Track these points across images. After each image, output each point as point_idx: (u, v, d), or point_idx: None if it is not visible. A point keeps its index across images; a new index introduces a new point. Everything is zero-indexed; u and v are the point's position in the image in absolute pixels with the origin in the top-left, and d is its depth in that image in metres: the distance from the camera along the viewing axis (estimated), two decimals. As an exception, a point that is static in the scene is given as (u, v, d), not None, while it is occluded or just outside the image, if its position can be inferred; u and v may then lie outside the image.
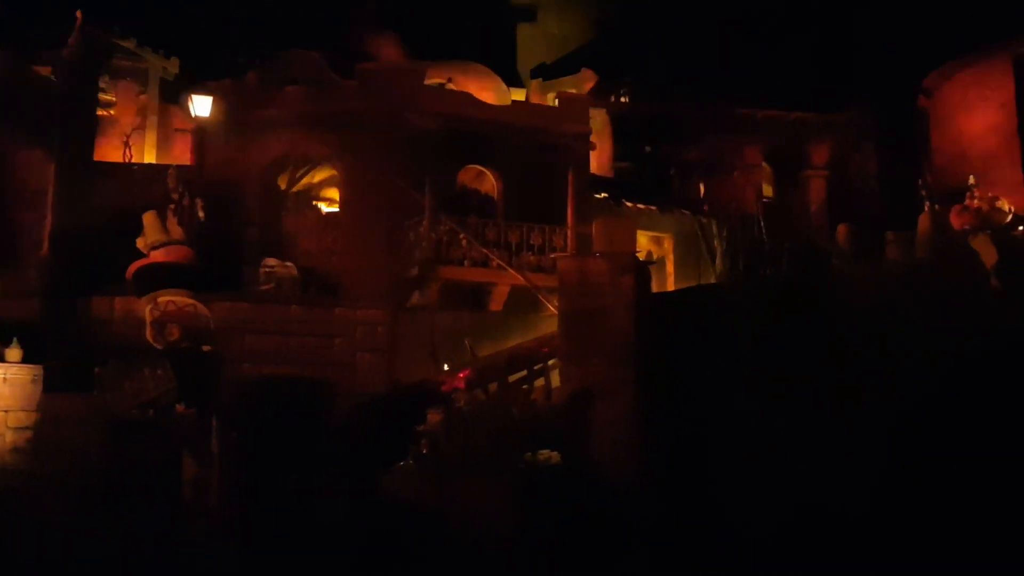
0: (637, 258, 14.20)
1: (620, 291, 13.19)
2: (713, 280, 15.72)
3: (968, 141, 16.18)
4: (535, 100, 20.22)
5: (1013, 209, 14.38)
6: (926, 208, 13.58)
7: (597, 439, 12.77)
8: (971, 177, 13.94)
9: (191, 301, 13.44)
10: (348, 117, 15.35)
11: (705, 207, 17.85)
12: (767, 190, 18.79)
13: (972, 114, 16.25)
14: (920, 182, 14.62)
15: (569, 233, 14.97)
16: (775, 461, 11.75)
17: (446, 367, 14.08)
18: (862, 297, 12.22)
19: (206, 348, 13.07)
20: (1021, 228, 13.52)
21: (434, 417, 12.07)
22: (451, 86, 18.07)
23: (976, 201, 13.27)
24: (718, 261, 16.21)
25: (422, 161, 14.86)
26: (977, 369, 11.36)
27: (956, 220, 12.94)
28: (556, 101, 17.66)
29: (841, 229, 14.97)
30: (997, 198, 14.02)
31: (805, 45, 19.01)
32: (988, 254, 11.76)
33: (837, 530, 11.08)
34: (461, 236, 14.74)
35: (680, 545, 11.50)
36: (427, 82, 16.61)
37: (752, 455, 11.97)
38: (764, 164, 18.77)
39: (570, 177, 16.03)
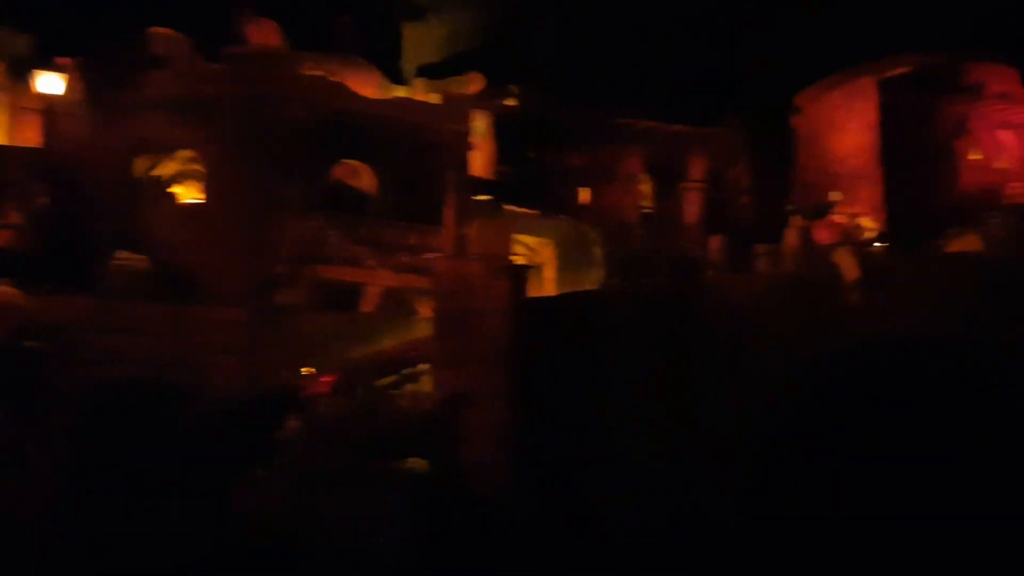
0: (515, 262, 14.00)
1: (496, 295, 12.95)
2: (592, 287, 15.66)
3: (835, 160, 16.74)
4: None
5: (874, 226, 15.00)
6: (793, 223, 13.93)
7: (469, 445, 12.48)
8: (836, 194, 14.42)
9: (10, 291, 12.15)
10: (215, 104, 14.54)
11: (586, 214, 17.84)
12: (647, 200, 18.96)
13: (839, 134, 16.81)
14: (788, 197, 15.00)
15: (447, 234, 14.59)
16: (648, 465, 11.75)
17: (310, 371, 13.45)
18: (732, 307, 12.43)
19: (30, 344, 11.83)
20: (880, 244, 14.06)
21: (294, 424, 11.47)
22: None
23: (840, 217, 13.71)
24: (597, 268, 16.20)
25: (293, 154, 14.21)
26: (839, 375, 11.72)
27: (821, 235, 13.30)
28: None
29: (714, 241, 15.23)
30: (859, 215, 14.57)
31: (687, 60, 19.35)
32: (849, 268, 12.10)
33: (710, 532, 11.17)
34: (331, 233, 14.14)
35: (552, 549, 11.39)
36: (304, 73, 15.92)
37: (625, 459, 11.95)
38: (644, 175, 18.93)
39: (450, 177, 15.67)
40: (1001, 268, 11.82)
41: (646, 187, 19.02)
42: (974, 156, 16.41)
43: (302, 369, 13.21)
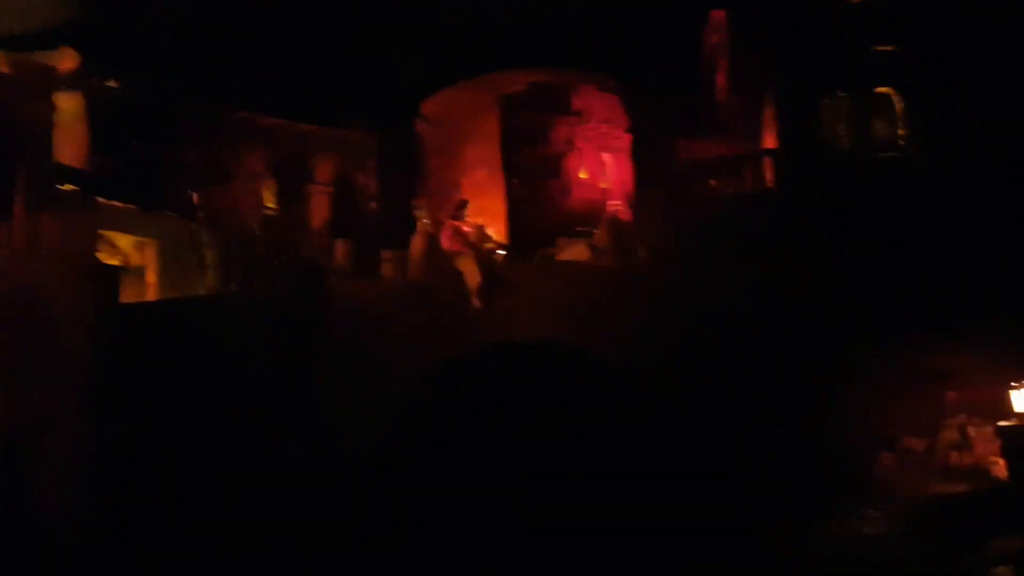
0: (102, 262, 12.04)
1: (78, 301, 10.97)
2: (203, 293, 14.06)
3: (461, 168, 16.97)
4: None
5: (496, 234, 15.37)
6: (419, 228, 13.71)
7: (39, 482, 10.39)
8: (462, 202, 14.51)
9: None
10: None
11: (199, 214, 16.09)
12: (270, 202, 17.69)
13: (465, 144, 17.10)
14: (415, 203, 14.79)
15: (16, 228, 12.06)
16: (260, 491, 10.66)
17: None
18: (357, 314, 11.86)
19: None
20: (502, 253, 14.40)
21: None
22: None
23: (465, 225, 13.77)
24: (209, 273, 14.60)
25: None
26: (462, 383, 11.65)
27: (445, 242, 13.19)
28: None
29: (339, 246, 14.51)
30: (483, 223, 14.83)
31: (315, 56, 18.44)
32: (472, 275, 12.08)
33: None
34: None
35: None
36: None
37: (238, 486, 10.74)
38: (268, 174, 17.65)
39: (24, 162, 13.12)
40: (604, 275, 12.66)
41: (269, 188, 17.73)
42: (583, 174, 17.58)
43: None
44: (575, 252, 14.10)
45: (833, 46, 14.69)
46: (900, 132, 14.81)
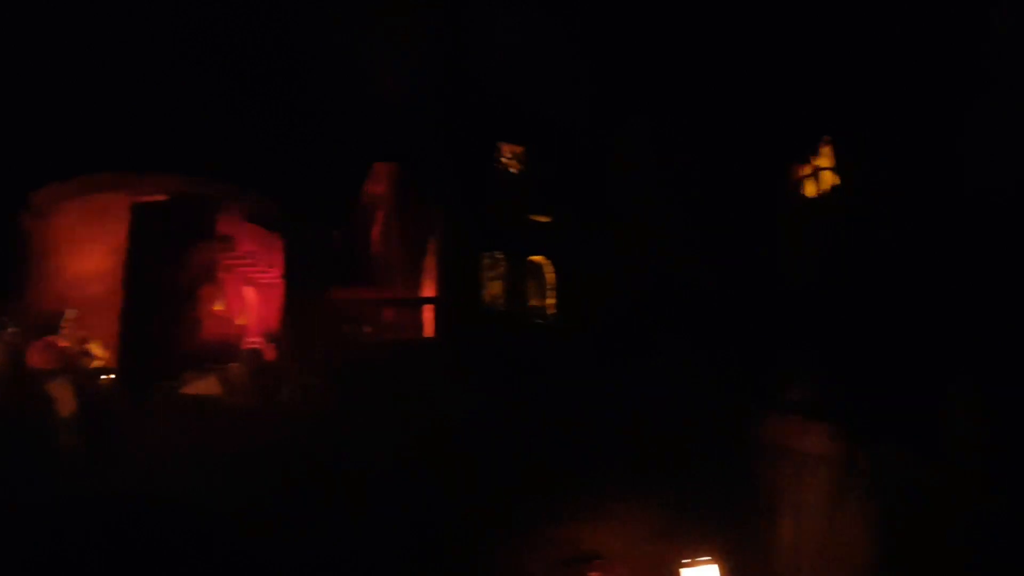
0: None
1: None
2: None
3: (73, 278, 14.07)
4: None
5: (104, 355, 12.77)
6: (3, 339, 10.85)
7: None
8: (70, 312, 11.87)
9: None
10: None
11: None
12: None
13: (83, 248, 14.33)
14: (4, 309, 11.80)
15: None
16: None
17: None
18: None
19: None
20: (108, 377, 11.89)
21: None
22: None
23: (64, 341, 11.18)
24: None
25: None
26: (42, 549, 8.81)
27: (37, 358, 10.50)
28: None
29: None
30: (89, 340, 12.24)
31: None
32: (65, 400, 9.59)
33: None
34: None
35: None
36: None
37: None
38: None
39: None
40: (237, 412, 10.85)
41: None
42: (219, 307, 15.72)
43: None
44: (205, 386, 12.08)
45: (493, 209, 14.96)
46: (549, 301, 15.29)
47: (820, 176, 11.81)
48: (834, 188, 11.66)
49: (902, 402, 8.12)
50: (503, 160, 15.73)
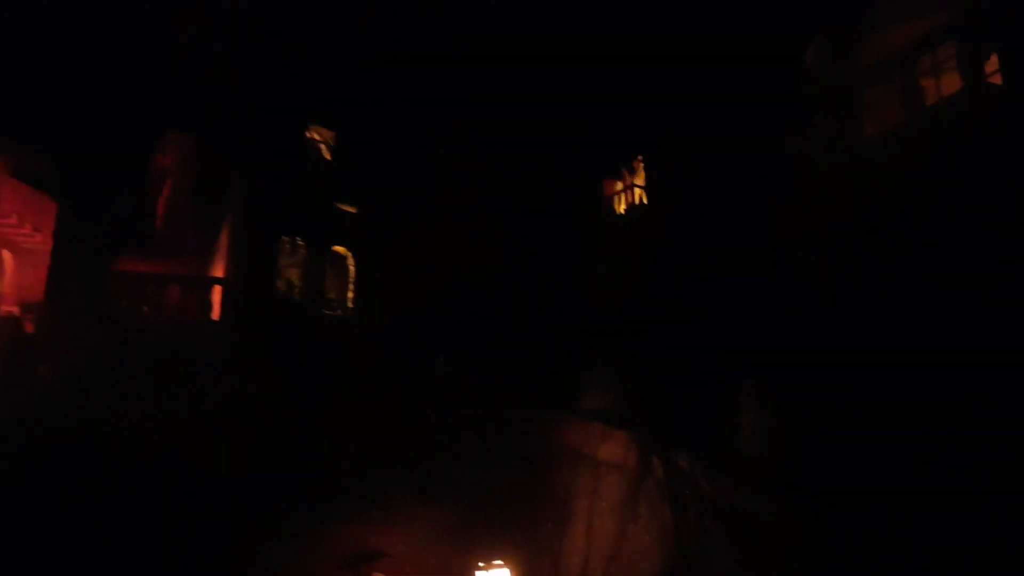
0: None
1: None
2: None
3: None
4: None
5: None
6: None
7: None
8: None
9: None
10: None
11: None
12: None
13: None
14: None
15: None
16: None
17: None
18: None
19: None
20: None
21: None
22: None
23: None
24: None
25: None
26: None
27: None
28: None
29: None
30: None
31: None
32: None
33: None
34: None
35: None
36: None
37: None
38: None
39: None
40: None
41: None
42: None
43: None
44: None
45: (298, 193, 14.17)
46: (349, 294, 14.67)
47: (632, 193, 12.19)
48: (641, 205, 12.06)
49: (695, 411, 8.42)
50: (313, 144, 14.98)
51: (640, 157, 12.03)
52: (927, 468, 6.82)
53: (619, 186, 12.51)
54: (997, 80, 7.49)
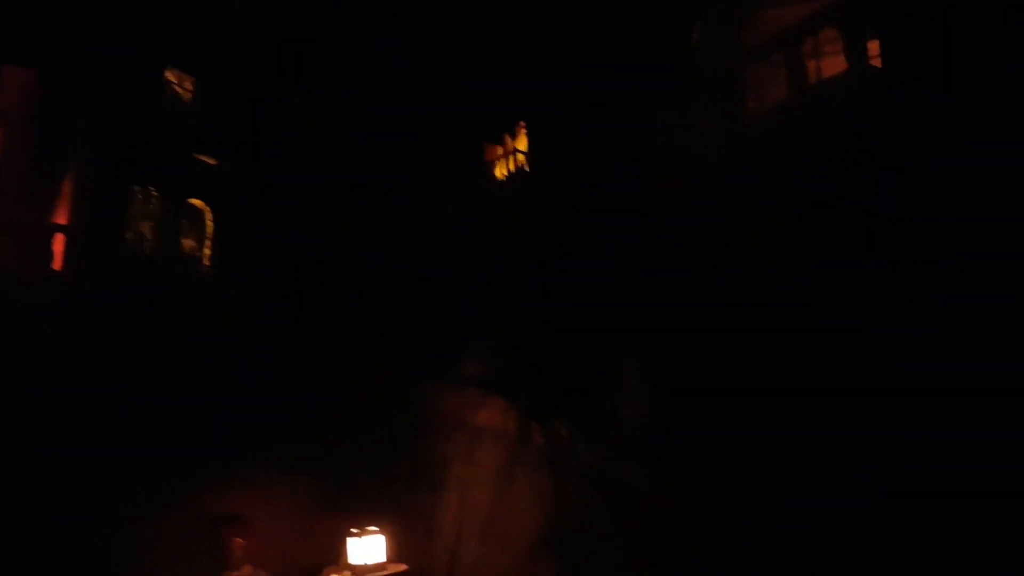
0: None
1: None
2: None
3: None
4: None
5: None
6: None
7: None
8: None
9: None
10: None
11: None
12: None
13: None
14: None
15: None
16: None
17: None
18: None
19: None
20: None
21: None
22: None
23: None
24: None
25: None
26: None
27: None
28: None
29: None
30: None
31: None
32: None
33: None
34: None
35: None
36: None
37: None
38: None
39: None
40: None
41: None
42: None
43: None
44: None
45: (152, 139, 13.15)
46: (206, 251, 13.79)
47: (514, 159, 12.07)
48: (521, 171, 11.98)
49: (577, 380, 8.44)
50: (171, 88, 13.90)
51: (522, 124, 11.92)
52: (796, 437, 7.11)
53: (499, 151, 12.39)
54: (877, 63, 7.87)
